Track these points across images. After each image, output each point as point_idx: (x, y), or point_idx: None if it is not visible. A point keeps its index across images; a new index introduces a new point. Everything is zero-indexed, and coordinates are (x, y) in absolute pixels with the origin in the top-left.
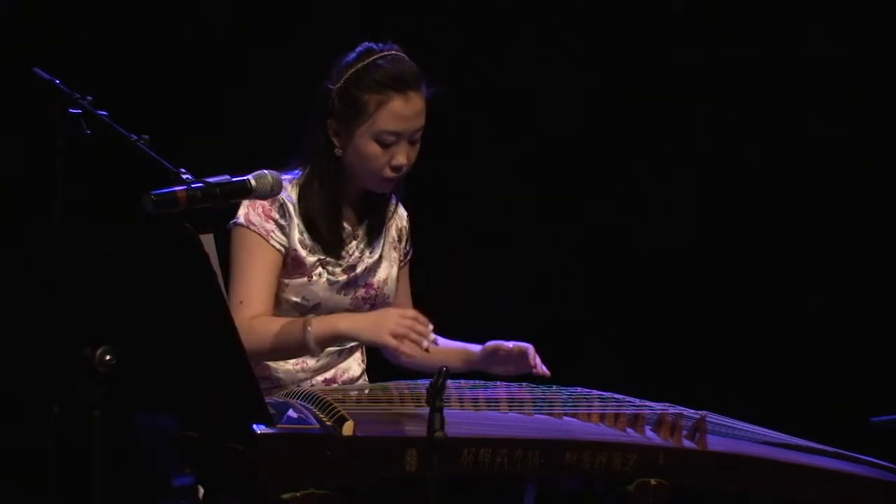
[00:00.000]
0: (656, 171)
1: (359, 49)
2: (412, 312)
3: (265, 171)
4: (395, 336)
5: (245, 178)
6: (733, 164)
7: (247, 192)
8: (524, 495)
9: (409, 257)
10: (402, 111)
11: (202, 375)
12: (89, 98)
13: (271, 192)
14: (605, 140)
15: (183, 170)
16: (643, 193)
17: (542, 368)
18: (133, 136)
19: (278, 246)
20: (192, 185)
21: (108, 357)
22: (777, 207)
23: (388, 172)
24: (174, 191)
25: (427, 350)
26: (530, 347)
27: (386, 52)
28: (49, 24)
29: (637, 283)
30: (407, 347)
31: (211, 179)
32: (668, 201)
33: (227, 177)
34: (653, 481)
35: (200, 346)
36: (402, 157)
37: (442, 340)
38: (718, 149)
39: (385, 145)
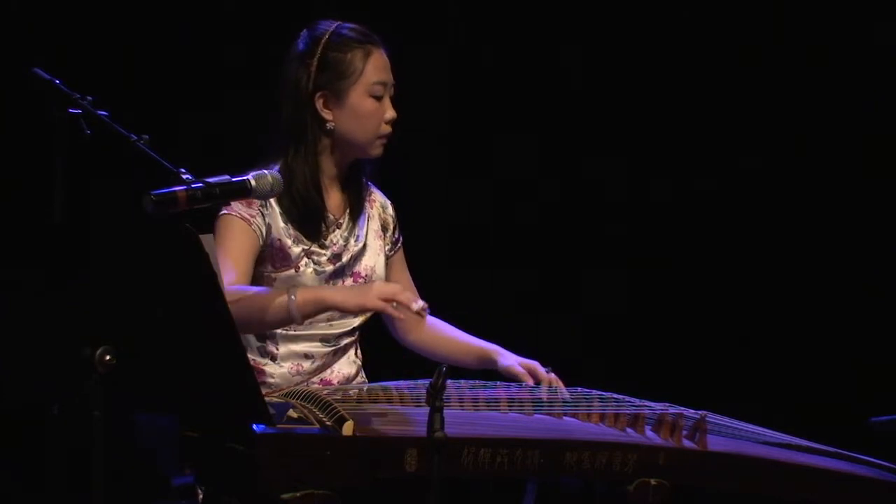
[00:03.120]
0: (656, 169)
1: (310, 29)
2: (398, 285)
3: (265, 170)
4: (383, 299)
5: (245, 177)
6: (733, 164)
7: (247, 192)
8: (524, 495)
9: (398, 245)
10: (382, 63)
11: (202, 375)
12: (89, 98)
13: (271, 192)
14: (607, 138)
15: (183, 170)
16: (643, 192)
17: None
18: (133, 136)
19: (258, 231)
20: (192, 185)
21: (108, 357)
22: (777, 206)
23: (385, 128)
24: (174, 191)
25: (420, 313)
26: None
27: (339, 22)
28: (49, 24)
29: (637, 283)
30: (394, 311)
31: (211, 179)
32: (668, 201)
33: (227, 177)
34: (653, 481)
35: (200, 346)
36: (391, 109)
37: (461, 335)
38: (718, 150)
39: (378, 98)
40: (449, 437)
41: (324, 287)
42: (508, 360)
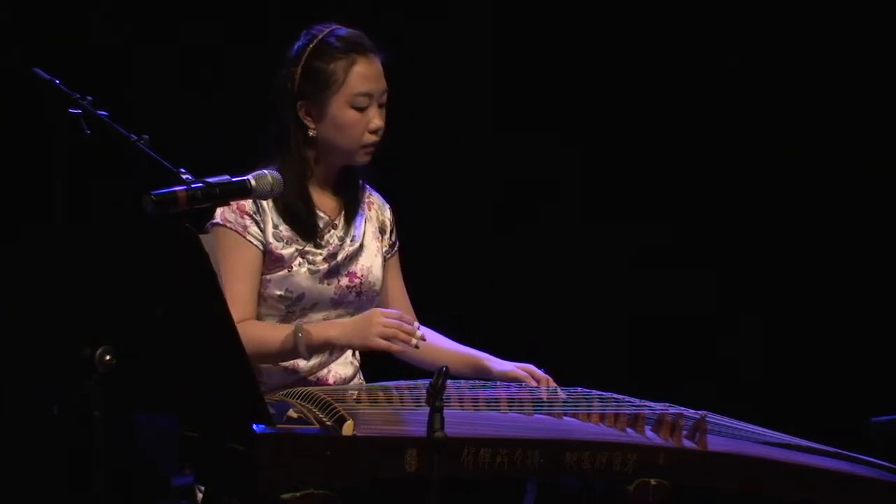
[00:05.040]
0: (654, 170)
1: (306, 32)
2: (396, 312)
3: (265, 170)
4: (384, 338)
5: (245, 177)
6: (729, 165)
7: (247, 192)
8: (524, 495)
9: (395, 249)
10: (368, 72)
11: (202, 375)
12: (89, 98)
13: (271, 192)
14: (605, 140)
15: (183, 170)
16: (643, 192)
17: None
18: (133, 136)
19: (255, 242)
20: (192, 185)
21: (108, 357)
22: (776, 206)
23: (368, 137)
24: (174, 191)
25: (416, 347)
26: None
27: (334, 27)
28: (49, 24)
29: (637, 283)
30: (398, 346)
31: (211, 179)
32: (668, 200)
33: (227, 177)
34: (653, 481)
35: (201, 345)
36: (378, 119)
37: (451, 344)
38: (714, 151)
39: (360, 109)
40: (449, 437)
41: (329, 324)
42: (504, 364)
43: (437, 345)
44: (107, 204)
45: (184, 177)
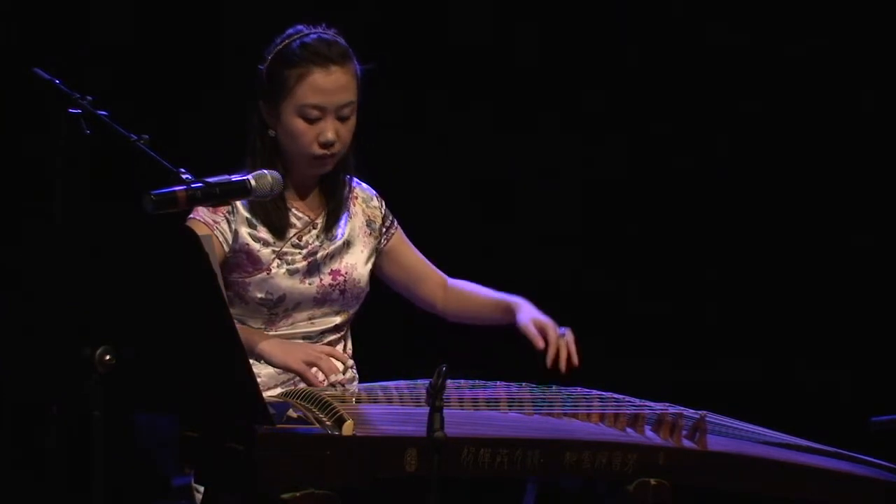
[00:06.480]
0: (654, 169)
1: (287, 31)
2: (328, 349)
3: (265, 170)
4: (306, 363)
5: (245, 177)
6: (732, 165)
7: (247, 191)
8: (524, 495)
9: (394, 229)
10: (323, 84)
11: (202, 375)
12: (89, 98)
13: (271, 192)
14: (606, 136)
15: (183, 170)
16: (643, 189)
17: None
18: (133, 136)
19: (221, 239)
20: (192, 185)
21: (108, 357)
22: (778, 205)
23: (317, 149)
24: (174, 191)
25: (331, 384)
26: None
27: (312, 31)
28: (49, 24)
29: (637, 282)
30: (312, 376)
31: (211, 179)
32: (671, 200)
33: (227, 177)
34: (653, 481)
35: (200, 345)
36: (330, 132)
37: (482, 290)
38: (715, 150)
39: (310, 120)
40: (449, 437)
41: (261, 336)
42: (524, 317)
43: (471, 293)
44: (107, 204)
45: (184, 177)
